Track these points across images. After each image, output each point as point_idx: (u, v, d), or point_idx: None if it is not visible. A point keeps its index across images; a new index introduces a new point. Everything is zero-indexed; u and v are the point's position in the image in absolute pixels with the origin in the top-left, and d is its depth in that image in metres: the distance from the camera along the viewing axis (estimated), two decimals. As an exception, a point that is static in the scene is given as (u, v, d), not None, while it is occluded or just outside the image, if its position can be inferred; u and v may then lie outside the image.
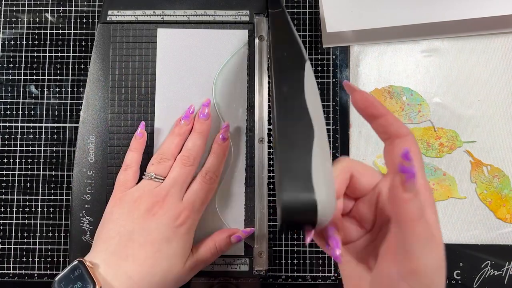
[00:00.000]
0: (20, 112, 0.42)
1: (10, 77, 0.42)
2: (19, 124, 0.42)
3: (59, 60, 0.42)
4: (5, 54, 0.42)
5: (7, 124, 0.42)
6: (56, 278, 0.31)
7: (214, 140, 0.38)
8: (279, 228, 0.23)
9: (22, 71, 0.42)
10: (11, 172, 0.41)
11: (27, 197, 0.41)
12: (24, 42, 0.42)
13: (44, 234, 0.41)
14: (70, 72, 0.42)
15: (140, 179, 0.37)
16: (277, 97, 0.27)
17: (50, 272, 0.40)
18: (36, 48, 0.42)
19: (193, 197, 0.36)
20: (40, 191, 0.41)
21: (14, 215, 0.41)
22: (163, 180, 0.36)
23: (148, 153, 0.39)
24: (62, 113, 0.42)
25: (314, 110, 0.26)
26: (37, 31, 0.43)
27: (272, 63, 0.29)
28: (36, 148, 0.41)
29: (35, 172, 0.41)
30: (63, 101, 0.42)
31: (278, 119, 0.26)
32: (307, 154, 0.24)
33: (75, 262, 0.31)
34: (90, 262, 0.32)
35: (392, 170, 0.25)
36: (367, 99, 0.25)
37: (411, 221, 0.21)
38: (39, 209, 0.41)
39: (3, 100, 0.42)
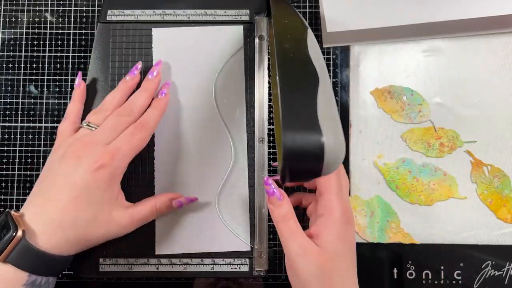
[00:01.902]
0: (20, 112, 0.42)
1: (10, 77, 0.42)
2: (19, 124, 0.42)
3: (58, 60, 0.42)
4: (5, 54, 0.42)
5: (7, 124, 0.42)
6: None
7: (155, 96, 0.38)
8: (281, 175, 0.22)
9: (22, 71, 0.42)
10: (10, 172, 0.41)
11: (27, 197, 0.41)
12: (23, 42, 0.42)
13: (43, 234, 0.41)
14: (70, 72, 0.42)
15: None
16: (279, 53, 0.26)
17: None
18: (35, 48, 0.42)
19: (120, 142, 0.35)
20: (40, 191, 0.41)
21: (14, 215, 0.41)
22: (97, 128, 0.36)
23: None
24: (62, 113, 0.42)
25: (317, 63, 0.25)
26: (36, 30, 0.42)
27: (274, 32, 0.29)
28: (36, 148, 0.41)
29: (34, 172, 0.41)
30: (62, 101, 0.42)
31: (281, 68, 0.24)
32: (312, 98, 0.22)
33: (3, 214, 0.32)
34: (16, 211, 0.32)
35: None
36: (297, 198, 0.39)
37: (277, 223, 0.34)
38: (39, 209, 0.41)
39: (2, 100, 0.42)
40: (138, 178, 0.39)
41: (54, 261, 0.32)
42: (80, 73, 0.40)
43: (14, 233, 0.30)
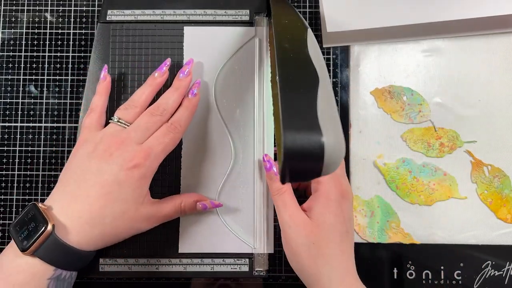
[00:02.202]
0: (20, 112, 0.42)
1: (10, 77, 0.42)
2: (19, 124, 0.42)
3: (58, 60, 0.42)
4: (5, 54, 0.42)
5: (7, 124, 0.42)
6: (12, 223, 0.32)
7: (185, 95, 0.38)
8: (281, 175, 0.22)
9: (22, 71, 0.42)
10: (10, 172, 0.41)
11: (27, 197, 0.41)
12: (23, 42, 0.42)
13: (43, 234, 0.41)
14: (70, 72, 0.42)
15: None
16: (279, 53, 0.26)
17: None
18: (35, 48, 0.42)
19: (153, 142, 0.35)
20: (40, 191, 0.41)
21: (14, 215, 0.41)
22: (128, 125, 0.35)
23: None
24: (62, 113, 0.42)
25: (317, 63, 0.25)
26: (36, 30, 0.42)
27: (274, 32, 0.29)
28: (36, 148, 0.41)
29: (34, 172, 0.41)
30: (62, 101, 0.42)
31: (281, 68, 0.24)
32: (312, 98, 0.22)
33: (29, 206, 0.32)
34: (43, 204, 0.32)
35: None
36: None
37: (273, 195, 0.36)
38: (39, 209, 0.41)
39: (2, 100, 0.42)
40: (160, 179, 0.39)
41: (79, 256, 0.32)
42: (106, 66, 0.39)
43: (44, 227, 0.31)
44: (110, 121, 0.36)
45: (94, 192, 0.32)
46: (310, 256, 0.33)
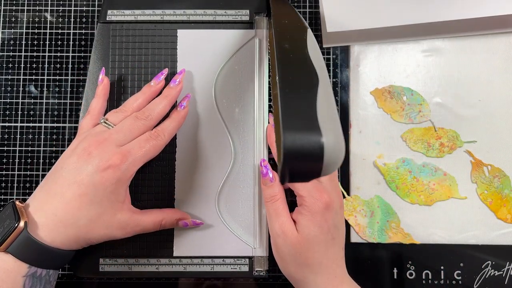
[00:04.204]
0: (20, 112, 0.42)
1: (10, 77, 0.42)
2: (19, 124, 0.42)
3: (58, 60, 0.42)
4: (5, 54, 0.42)
5: (7, 124, 0.42)
6: None
7: (175, 108, 0.38)
8: (281, 175, 0.22)
9: (22, 71, 0.42)
10: (10, 172, 0.41)
11: (27, 197, 0.41)
12: (23, 42, 0.42)
13: (43, 234, 0.41)
14: (70, 72, 0.42)
15: None
16: (279, 53, 0.26)
17: (49, 272, 0.40)
18: (35, 48, 0.42)
19: (134, 146, 0.34)
20: (40, 191, 0.41)
21: (14, 215, 0.41)
22: (113, 127, 0.35)
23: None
24: (62, 113, 0.42)
25: (317, 63, 0.25)
26: (36, 30, 0.42)
27: (274, 32, 0.29)
28: (36, 148, 0.41)
29: (34, 172, 0.41)
30: (62, 101, 0.42)
31: (281, 68, 0.24)
32: (312, 98, 0.22)
33: (8, 203, 0.33)
34: (21, 202, 0.33)
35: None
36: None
37: (265, 202, 0.37)
38: (39, 209, 0.41)
39: (2, 100, 0.42)
40: (160, 179, 0.40)
41: (54, 254, 0.32)
42: (103, 69, 0.39)
43: (16, 224, 0.31)
44: (99, 122, 0.36)
45: (70, 191, 0.32)
46: (297, 264, 0.34)
